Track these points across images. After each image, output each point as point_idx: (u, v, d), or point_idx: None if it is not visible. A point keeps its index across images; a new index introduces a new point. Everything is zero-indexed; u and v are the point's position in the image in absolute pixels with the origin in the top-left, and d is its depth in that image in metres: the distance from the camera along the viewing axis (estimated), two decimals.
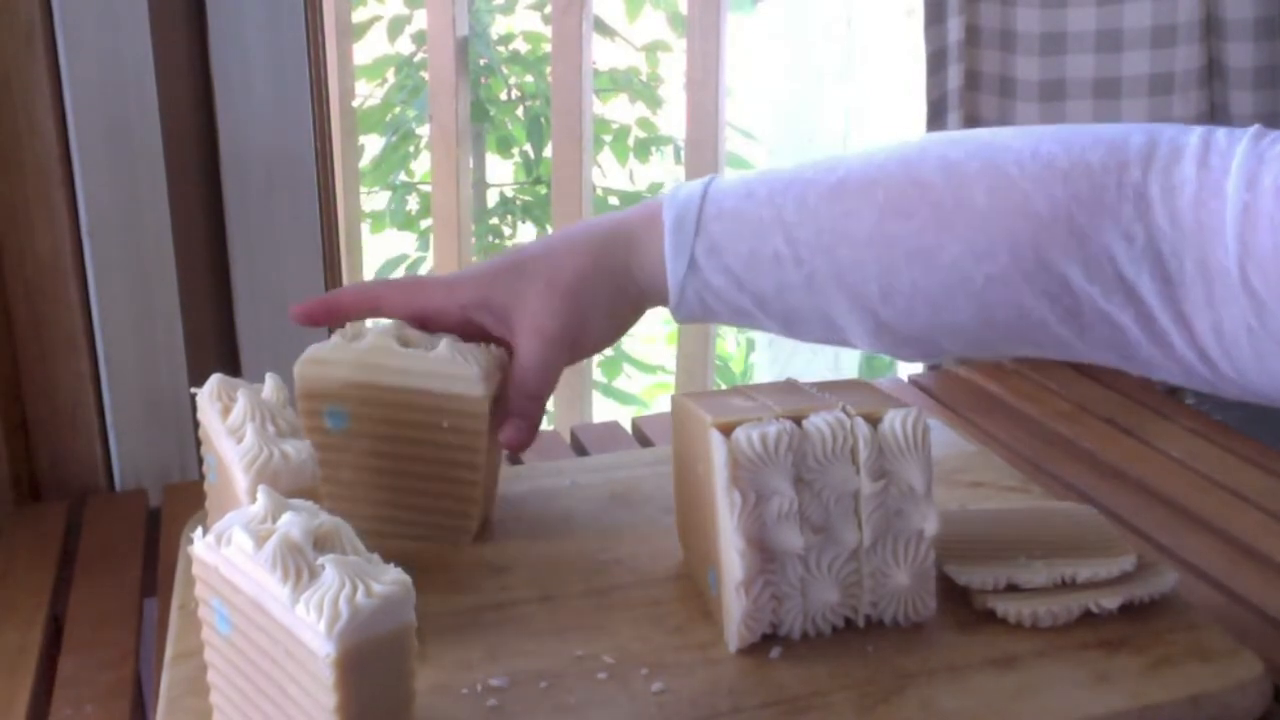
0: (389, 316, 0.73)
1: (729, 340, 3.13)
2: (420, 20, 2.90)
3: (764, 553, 0.62)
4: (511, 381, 0.71)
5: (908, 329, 0.66)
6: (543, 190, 3.12)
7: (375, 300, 0.74)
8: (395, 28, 3.06)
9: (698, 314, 0.71)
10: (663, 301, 0.71)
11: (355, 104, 2.55)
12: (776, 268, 0.67)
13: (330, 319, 0.74)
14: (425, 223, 3.10)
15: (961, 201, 0.63)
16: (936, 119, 1.17)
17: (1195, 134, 0.61)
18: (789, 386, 0.67)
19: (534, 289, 0.70)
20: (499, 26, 3.23)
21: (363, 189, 2.88)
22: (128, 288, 0.92)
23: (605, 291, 0.71)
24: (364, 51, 2.99)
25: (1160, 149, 0.61)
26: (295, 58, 0.94)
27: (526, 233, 3.23)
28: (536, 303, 0.70)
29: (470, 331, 0.73)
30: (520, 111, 3.18)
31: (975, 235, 0.63)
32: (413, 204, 3.19)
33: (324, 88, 0.97)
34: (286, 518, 0.54)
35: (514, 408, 0.71)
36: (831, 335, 0.69)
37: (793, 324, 0.69)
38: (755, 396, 0.65)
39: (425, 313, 0.73)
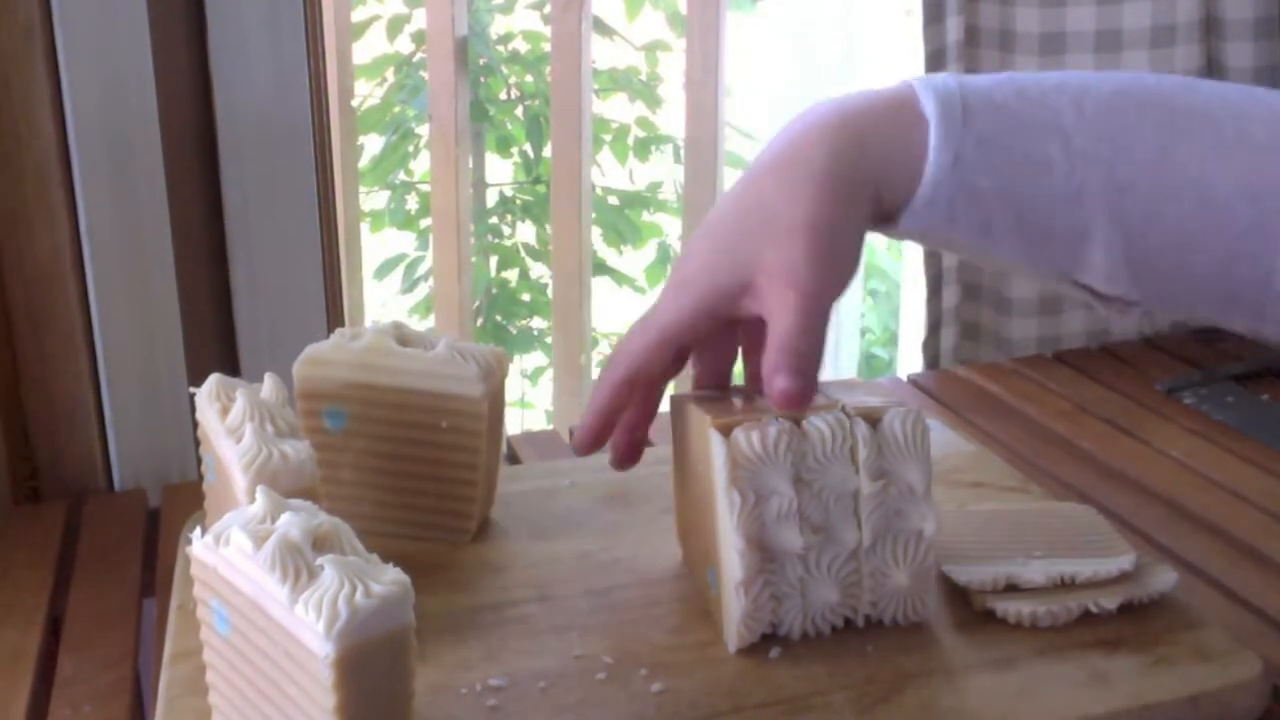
0: (656, 375, 0.66)
1: None
2: (420, 20, 2.90)
3: (763, 553, 0.62)
4: (780, 345, 0.60)
5: (1151, 265, 0.61)
6: (542, 189, 3.12)
7: (635, 374, 0.65)
8: (395, 27, 3.05)
9: (938, 223, 0.61)
10: (895, 207, 0.61)
11: (355, 103, 2.55)
12: (1047, 175, 0.60)
13: (609, 431, 0.67)
14: (425, 222, 3.10)
15: (1242, 135, 0.59)
16: None
17: None
18: None
19: (769, 252, 0.60)
20: (498, 26, 3.23)
21: (362, 188, 2.88)
22: (127, 287, 0.92)
23: (850, 215, 0.61)
24: (363, 51, 2.99)
25: None
26: (294, 57, 0.94)
27: (526, 232, 3.23)
28: (778, 255, 0.60)
29: (734, 332, 0.67)
30: (520, 111, 3.18)
31: (1251, 173, 0.59)
32: (412, 203, 3.19)
33: (323, 87, 0.97)
34: (285, 518, 0.54)
35: (788, 365, 0.60)
36: (1069, 262, 0.62)
37: (1036, 246, 0.62)
38: (755, 396, 0.65)
39: (684, 346, 0.65)
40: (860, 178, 0.60)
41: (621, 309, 3.11)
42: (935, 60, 1.15)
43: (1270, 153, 0.59)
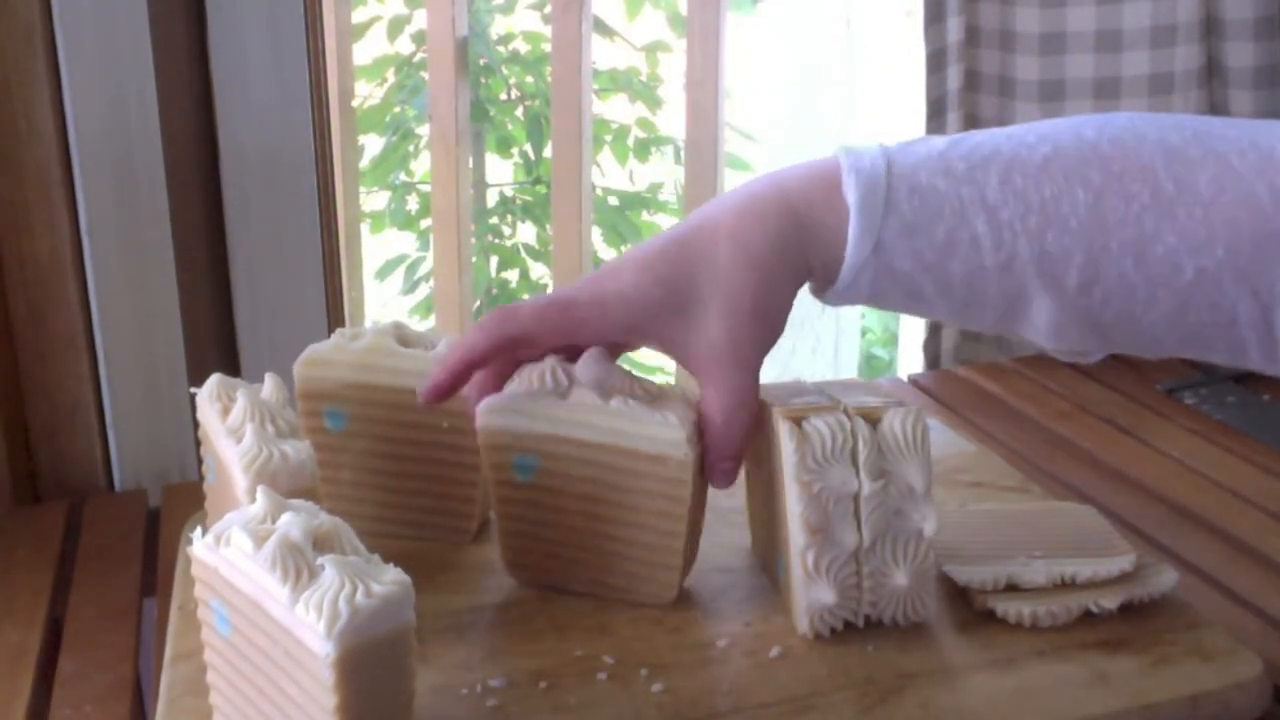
0: (532, 349, 0.66)
1: None
2: (420, 20, 2.90)
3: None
4: (708, 426, 0.63)
5: (1096, 320, 0.61)
6: (542, 190, 3.12)
7: (515, 336, 0.64)
8: (395, 28, 3.05)
9: (862, 297, 0.64)
10: (826, 281, 0.64)
11: (355, 104, 2.55)
12: (973, 252, 0.61)
13: (463, 380, 0.66)
14: (425, 222, 3.10)
15: (1184, 188, 0.59)
16: (936, 119, 1.17)
17: None
18: (789, 387, 0.67)
19: (712, 314, 0.62)
20: (499, 26, 3.23)
21: (362, 189, 2.88)
22: (127, 288, 0.92)
23: (788, 291, 0.63)
24: (364, 51, 2.99)
25: None
26: (295, 58, 0.94)
27: (526, 232, 3.23)
28: (718, 330, 0.62)
29: (626, 350, 0.68)
30: (520, 111, 3.18)
31: (1195, 225, 0.58)
32: (412, 204, 3.19)
33: (324, 87, 0.97)
34: (286, 518, 0.54)
35: (715, 452, 0.64)
36: (1007, 323, 0.64)
37: (970, 309, 0.63)
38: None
39: (577, 341, 0.65)
40: (798, 260, 0.63)
41: None
42: (936, 60, 1.15)
43: (1214, 205, 0.58)
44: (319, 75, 0.96)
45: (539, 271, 3.16)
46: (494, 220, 3.23)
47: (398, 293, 3.13)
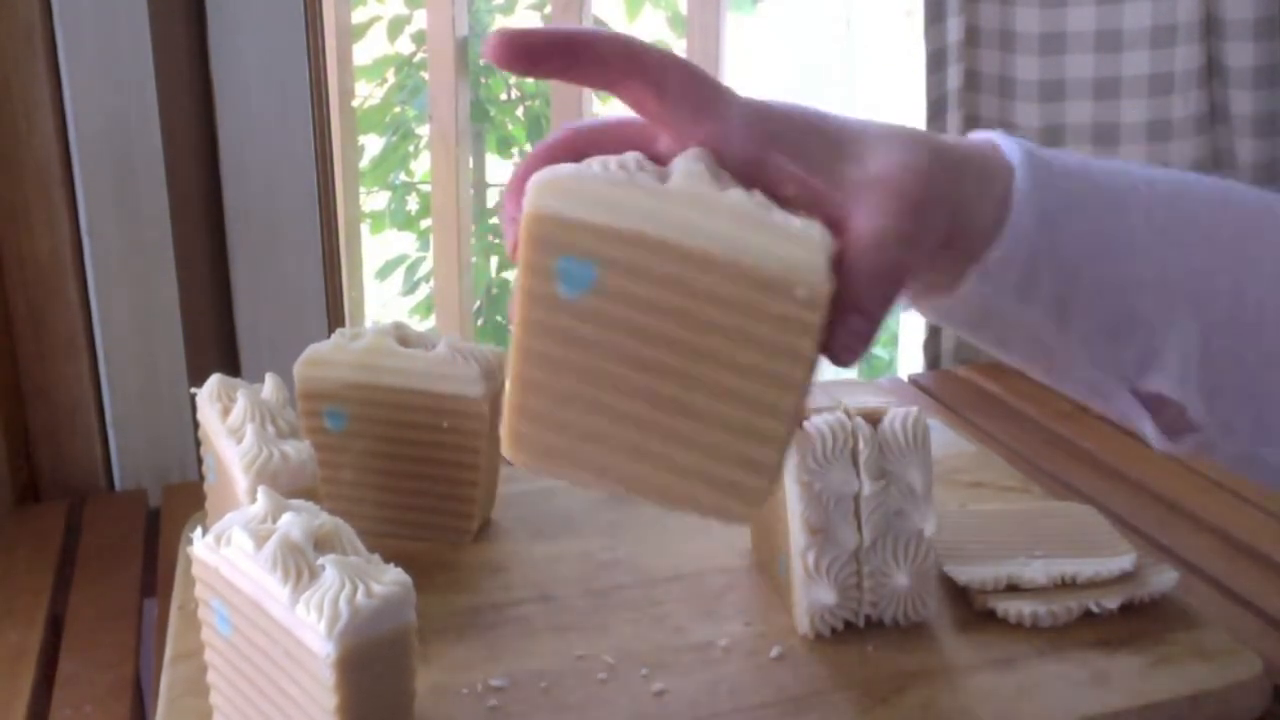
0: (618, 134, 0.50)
1: None
2: (420, 20, 2.90)
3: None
4: (852, 255, 0.47)
5: (1232, 369, 0.54)
6: None
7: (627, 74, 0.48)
8: (395, 28, 3.06)
9: (1008, 290, 0.52)
10: (971, 255, 0.52)
11: (355, 104, 2.55)
12: (1128, 254, 0.53)
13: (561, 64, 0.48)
14: (425, 223, 3.10)
15: None
16: (936, 119, 1.17)
17: None
18: None
19: (880, 150, 0.49)
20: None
21: (362, 189, 2.88)
22: (127, 288, 0.92)
23: (941, 214, 0.50)
24: (364, 51, 2.99)
25: None
26: (295, 58, 0.94)
27: None
28: (887, 159, 0.49)
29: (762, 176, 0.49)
30: (520, 112, 3.18)
31: None
32: (412, 204, 3.19)
33: (324, 88, 0.97)
34: (286, 518, 0.54)
35: (852, 297, 0.47)
36: (1140, 360, 0.55)
37: (1110, 335, 0.54)
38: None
39: (688, 130, 0.49)
40: (946, 202, 0.50)
41: None
42: (935, 60, 1.15)
43: None
44: (319, 75, 0.96)
45: None
46: (494, 220, 3.23)
47: (398, 293, 3.13)
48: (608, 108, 3.16)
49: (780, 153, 0.49)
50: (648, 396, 0.45)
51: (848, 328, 0.47)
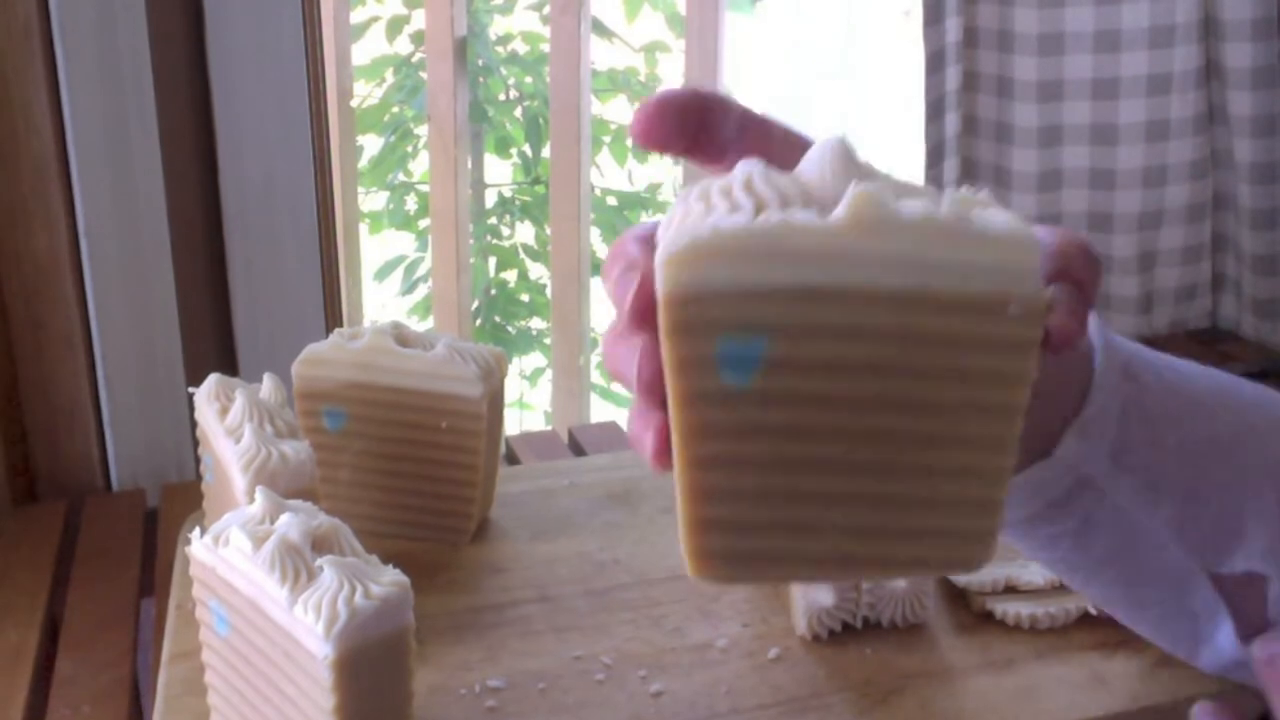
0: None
1: None
2: (419, 20, 2.90)
3: None
4: (1061, 245, 0.41)
5: None
6: (541, 190, 3.12)
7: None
8: (394, 27, 3.06)
9: (1101, 455, 0.48)
10: (1062, 418, 0.47)
11: (353, 104, 2.55)
12: (1208, 422, 0.50)
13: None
14: (424, 223, 3.10)
15: None
16: (935, 119, 1.17)
17: None
18: None
19: None
20: (497, 27, 3.23)
21: (361, 189, 2.88)
22: (125, 287, 0.92)
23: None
24: (362, 51, 2.99)
25: None
26: (293, 57, 0.94)
27: (525, 233, 3.23)
28: None
29: None
30: (519, 112, 3.18)
31: None
32: (411, 204, 3.19)
33: (322, 87, 0.97)
34: (285, 519, 0.54)
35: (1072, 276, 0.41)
36: (1228, 535, 0.51)
37: (1203, 504, 0.50)
38: None
39: None
40: None
41: None
42: (934, 60, 1.15)
43: None
44: (317, 74, 0.96)
45: (537, 272, 3.16)
46: (492, 220, 3.23)
47: (396, 293, 3.13)
48: (607, 107, 3.16)
49: None
50: (847, 467, 0.37)
51: (1079, 311, 0.40)
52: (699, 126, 0.42)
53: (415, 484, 0.73)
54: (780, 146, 0.42)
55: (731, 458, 0.37)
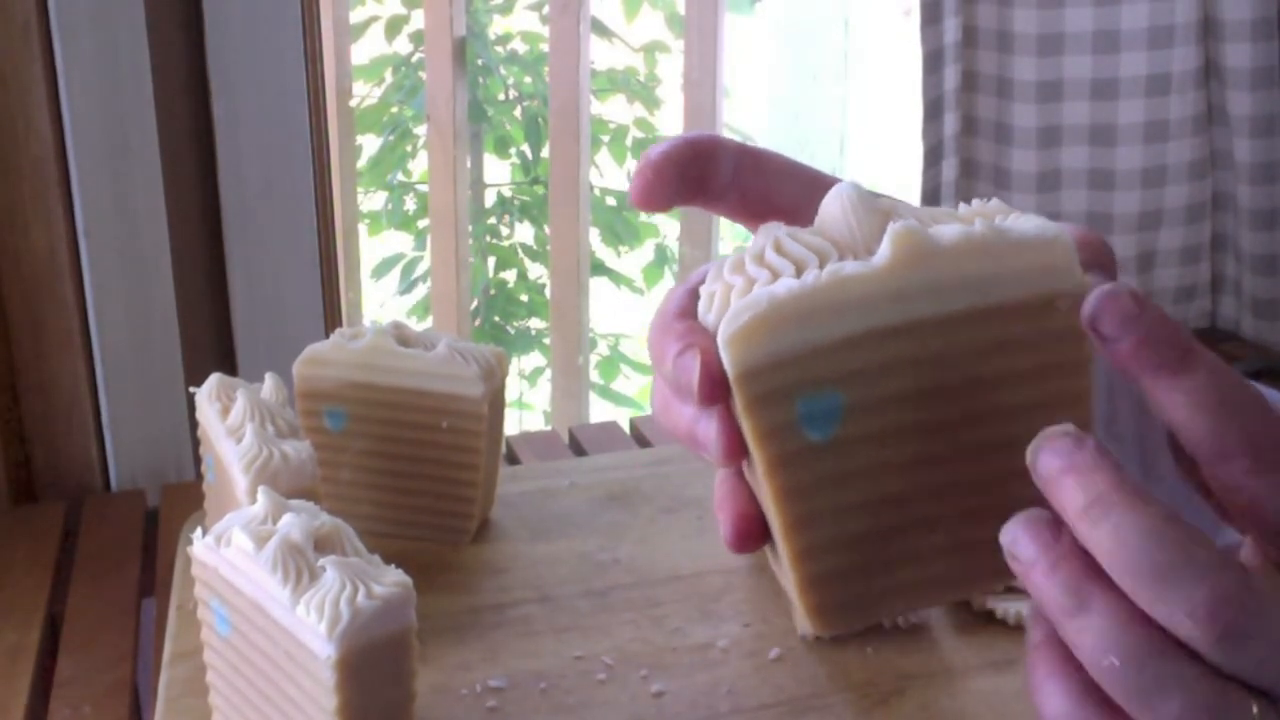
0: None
1: None
2: (418, 20, 2.90)
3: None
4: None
5: None
6: (540, 190, 3.12)
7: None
8: (393, 27, 3.05)
9: None
10: None
11: (352, 104, 2.55)
12: None
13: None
14: (423, 223, 3.10)
15: None
16: (933, 119, 1.17)
17: None
18: None
19: None
20: (497, 27, 3.23)
21: (360, 189, 2.88)
22: (124, 287, 0.92)
23: None
24: (362, 51, 2.99)
25: None
26: (292, 57, 0.94)
27: (524, 233, 3.23)
28: None
29: None
30: (518, 112, 3.18)
31: None
32: (410, 204, 3.19)
33: (321, 87, 0.97)
34: (287, 519, 0.54)
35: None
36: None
37: None
38: None
39: None
40: None
41: (619, 310, 3.11)
42: (933, 60, 1.15)
43: None
44: (316, 75, 0.96)
45: (537, 272, 3.17)
46: (491, 220, 3.23)
47: (393, 292, 3.13)
48: (606, 107, 3.16)
49: None
50: (937, 490, 0.38)
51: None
52: (699, 176, 0.43)
53: (416, 484, 0.73)
54: (776, 179, 0.43)
55: (829, 509, 0.38)
